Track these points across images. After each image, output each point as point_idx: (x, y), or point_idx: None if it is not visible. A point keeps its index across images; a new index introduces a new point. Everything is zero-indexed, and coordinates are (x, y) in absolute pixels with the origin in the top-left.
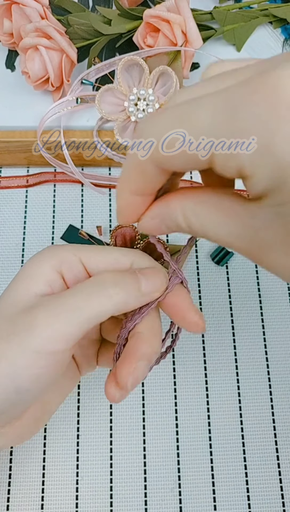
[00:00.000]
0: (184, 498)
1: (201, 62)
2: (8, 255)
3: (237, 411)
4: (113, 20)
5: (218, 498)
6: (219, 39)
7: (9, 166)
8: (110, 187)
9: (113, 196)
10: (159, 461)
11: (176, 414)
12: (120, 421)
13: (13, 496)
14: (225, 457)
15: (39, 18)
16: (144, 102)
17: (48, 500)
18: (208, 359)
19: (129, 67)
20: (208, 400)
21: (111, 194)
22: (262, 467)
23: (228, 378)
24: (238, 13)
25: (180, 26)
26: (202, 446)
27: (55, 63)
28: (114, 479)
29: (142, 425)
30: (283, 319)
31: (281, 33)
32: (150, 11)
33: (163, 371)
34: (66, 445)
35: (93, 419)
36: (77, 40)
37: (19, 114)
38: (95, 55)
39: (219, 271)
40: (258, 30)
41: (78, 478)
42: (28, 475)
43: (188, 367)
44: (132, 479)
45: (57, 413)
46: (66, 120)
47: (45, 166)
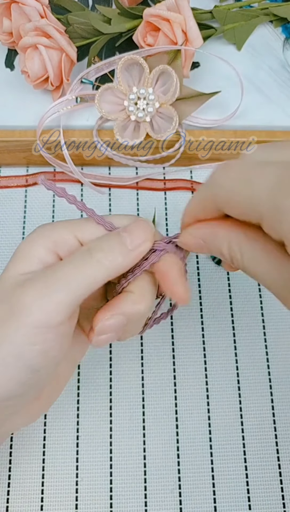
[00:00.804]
0: (184, 499)
1: (201, 61)
2: (8, 255)
3: (238, 412)
4: (113, 19)
5: (219, 499)
6: (220, 38)
7: (8, 165)
8: (110, 187)
9: (113, 196)
10: (159, 462)
11: (176, 414)
12: (120, 422)
13: (13, 496)
14: (225, 458)
15: (38, 17)
16: (144, 101)
17: (48, 501)
18: (208, 359)
19: (129, 66)
20: (208, 401)
21: (110, 193)
22: (263, 468)
23: (229, 378)
24: (239, 12)
25: (180, 25)
26: (202, 446)
27: (55, 62)
28: (114, 480)
29: (142, 426)
30: (283, 319)
31: (282, 32)
32: (150, 10)
33: (163, 371)
34: (65, 446)
35: (92, 420)
36: (76, 39)
37: (19, 114)
38: (94, 54)
39: (219, 271)
40: (259, 29)
41: (78, 479)
42: (26, 481)
43: (188, 367)
44: (132, 479)
45: (57, 413)
46: (66, 119)
47: (44, 165)
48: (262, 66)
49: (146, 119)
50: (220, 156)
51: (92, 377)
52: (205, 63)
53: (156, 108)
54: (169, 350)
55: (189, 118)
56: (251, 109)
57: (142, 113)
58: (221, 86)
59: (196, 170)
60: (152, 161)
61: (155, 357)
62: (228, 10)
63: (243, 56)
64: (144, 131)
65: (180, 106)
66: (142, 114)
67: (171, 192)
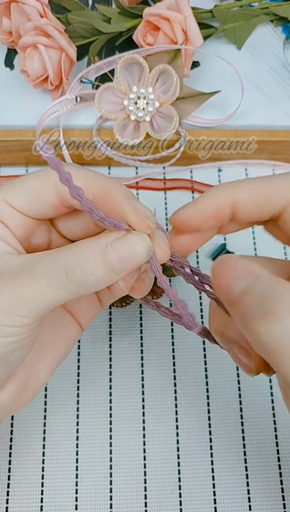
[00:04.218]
0: (184, 499)
1: (201, 60)
2: None
3: (238, 412)
4: (113, 18)
5: (219, 500)
6: (220, 38)
7: (8, 165)
8: None
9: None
10: (159, 462)
11: (176, 415)
12: (120, 422)
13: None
14: (225, 458)
15: (38, 16)
16: (144, 100)
17: (48, 501)
18: (208, 359)
19: (129, 66)
20: (208, 401)
21: None
22: (263, 468)
23: (229, 379)
24: (239, 12)
25: (180, 25)
26: (203, 447)
27: (54, 62)
28: (114, 480)
29: (142, 426)
30: None
31: (282, 32)
32: (150, 10)
33: (163, 371)
34: (65, 446)
35: (92, 420)
36: (76, 38)
37: (18, 113)
38: (94, 53)
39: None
40: (259, 28)
41: (78, 479)
42: (26, 481)
43: (189, 367)
44: (132, 480)
45: (56, 413)
46: (66, 119)
47: (44, 165)
48: (263, 65)
49: (146, 118)
50: (220, 155)
51: (92, 377)
52: (205, 63)
53: (156, 107)
54: (169, 350)
55: (189, 117)
56: (251, 109)
57: (142, 113)
58: (221, 86)
59: (196, 170)
60: (152, 160)
61: (155, 357)
62: (228, 9)
63: (243, 56)
64: (144, 131)
65: (180, 106)
66: (142, 114)
67: (171, 191)
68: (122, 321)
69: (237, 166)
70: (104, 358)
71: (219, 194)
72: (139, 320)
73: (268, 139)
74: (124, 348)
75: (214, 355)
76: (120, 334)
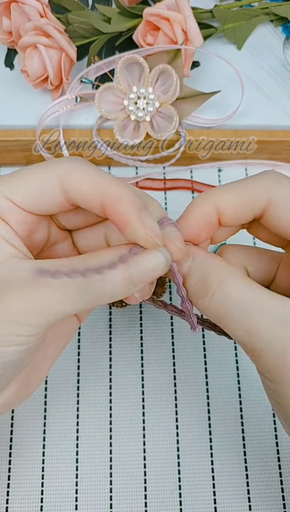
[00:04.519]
0: (184, 499)
1: (201, 60)
2: None
3: (238, 412)
4: (113, 18)
5: (219, 500)
6: (220, 38)
7: (8, 165)
8: None
9: None
10: (159, 462)
11: (176, 415)
12: (120, 422)
13: (12, 497)
14: (225, 458)
15: (38, 16)
16: (144, 100)
17: (48, 501)
18: (208, 359)
19: (129, 66)
20: (208, 401)
21: None
22: (263, 468)
23: (229, 379)
24: (239, 12)
25: (180, 25)
26: (203, 447)
27: (54, 62)
28: (114, 480)
29: (142, 426)
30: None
31: (282, 32)
32: (150, 10)
33: (163, 371)
34: (65, 447)
35: (92, 420)
36: (76, 38)
37: (18, 113)
38: (94, 53)
39: None
40: (259, 28)
41: (78, 479)
42: (26, 481)
43: (189, 367)
44: (132, 480)
45: (56, 413)
46: (66, 119)
47: None
48: (263, 65)
49: (146, 118)
50: (220, 155)
51: (92, 377)
52: (205, 63)
53: (156, 107)
54: (169, 350)
55: (189, 117)
56: (251, 109)
57: (142, 113)
58: (221, 86)
59: (196, 170)
60: (152, 160)
61: (155, 357)
62: (228, 9)
63: (243, 56)
64: (144, 131)
65: (180, 106)
66: (142, 114)
67: (171, 191)
68: (122, 321)
69: (237, 166)
70: (104, 358)
71: (203, 204)
72: (139, 320)
73: (268, 139)
74: (124, 348)
75: (214, 355)
76: (120, 334)
